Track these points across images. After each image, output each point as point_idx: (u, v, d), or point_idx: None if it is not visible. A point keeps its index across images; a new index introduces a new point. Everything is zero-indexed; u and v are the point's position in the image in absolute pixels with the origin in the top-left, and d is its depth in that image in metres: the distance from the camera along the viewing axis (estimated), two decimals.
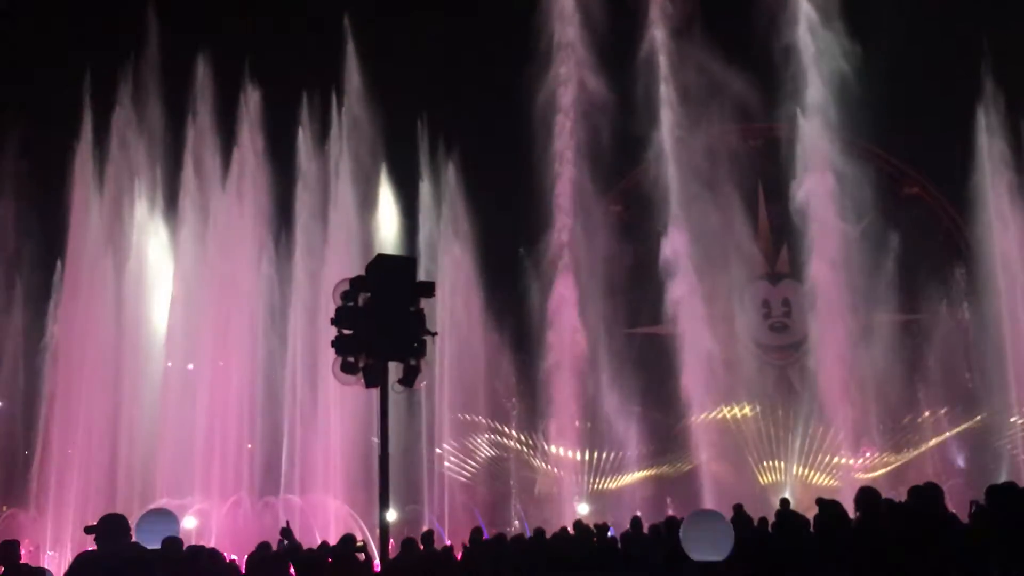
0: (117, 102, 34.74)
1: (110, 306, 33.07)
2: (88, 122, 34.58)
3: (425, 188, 39.21)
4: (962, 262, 42.66)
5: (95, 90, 34.98)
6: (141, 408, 32.07)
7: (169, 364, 33.00)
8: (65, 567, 7.51)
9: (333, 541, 13.42)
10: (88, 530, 6.53)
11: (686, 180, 38.26)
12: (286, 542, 15.34)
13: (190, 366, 33.50)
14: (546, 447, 41.19)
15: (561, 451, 39.20)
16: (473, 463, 41.88)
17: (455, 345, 37.09)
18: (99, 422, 31.46)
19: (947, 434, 42.00)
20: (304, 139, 35.63)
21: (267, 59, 37.13)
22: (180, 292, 33.53)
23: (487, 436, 42.81)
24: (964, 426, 41.37)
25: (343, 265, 29.82)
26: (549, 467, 42.15)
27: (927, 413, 42.45)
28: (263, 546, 12.79)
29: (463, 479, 40.19)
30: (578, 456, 39.32)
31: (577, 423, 37.59)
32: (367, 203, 36.28)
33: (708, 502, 33.22)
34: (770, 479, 41.87)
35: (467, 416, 39.99)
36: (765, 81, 39.25)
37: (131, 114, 34.81)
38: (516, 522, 37.57)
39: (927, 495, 7.93)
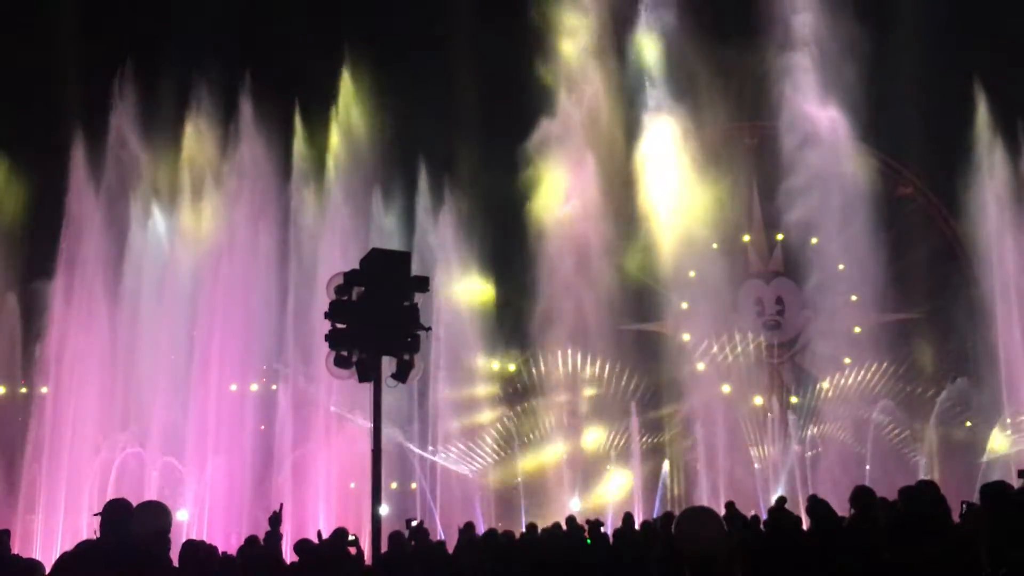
0: (114, 105, 34.75)
1: (109, 284, 33.08)
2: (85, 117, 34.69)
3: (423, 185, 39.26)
4: (955, 262, 42.75)
5: (93, 89, 35.15)
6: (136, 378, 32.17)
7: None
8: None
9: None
10: (98, 514, 6.63)
11: (681, 178, 38.35)
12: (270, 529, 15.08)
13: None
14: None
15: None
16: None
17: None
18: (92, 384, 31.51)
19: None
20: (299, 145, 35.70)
21: (265, 72, 37.11)
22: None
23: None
24: (955, 428, 41.48)
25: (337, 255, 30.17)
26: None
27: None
28: (250, 541, 12.72)
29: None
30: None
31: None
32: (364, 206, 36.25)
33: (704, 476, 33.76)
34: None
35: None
36: (762, 79, 39.37)
37: (128, 118, 34.81)
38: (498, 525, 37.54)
39: (918, 495, 7.91)
